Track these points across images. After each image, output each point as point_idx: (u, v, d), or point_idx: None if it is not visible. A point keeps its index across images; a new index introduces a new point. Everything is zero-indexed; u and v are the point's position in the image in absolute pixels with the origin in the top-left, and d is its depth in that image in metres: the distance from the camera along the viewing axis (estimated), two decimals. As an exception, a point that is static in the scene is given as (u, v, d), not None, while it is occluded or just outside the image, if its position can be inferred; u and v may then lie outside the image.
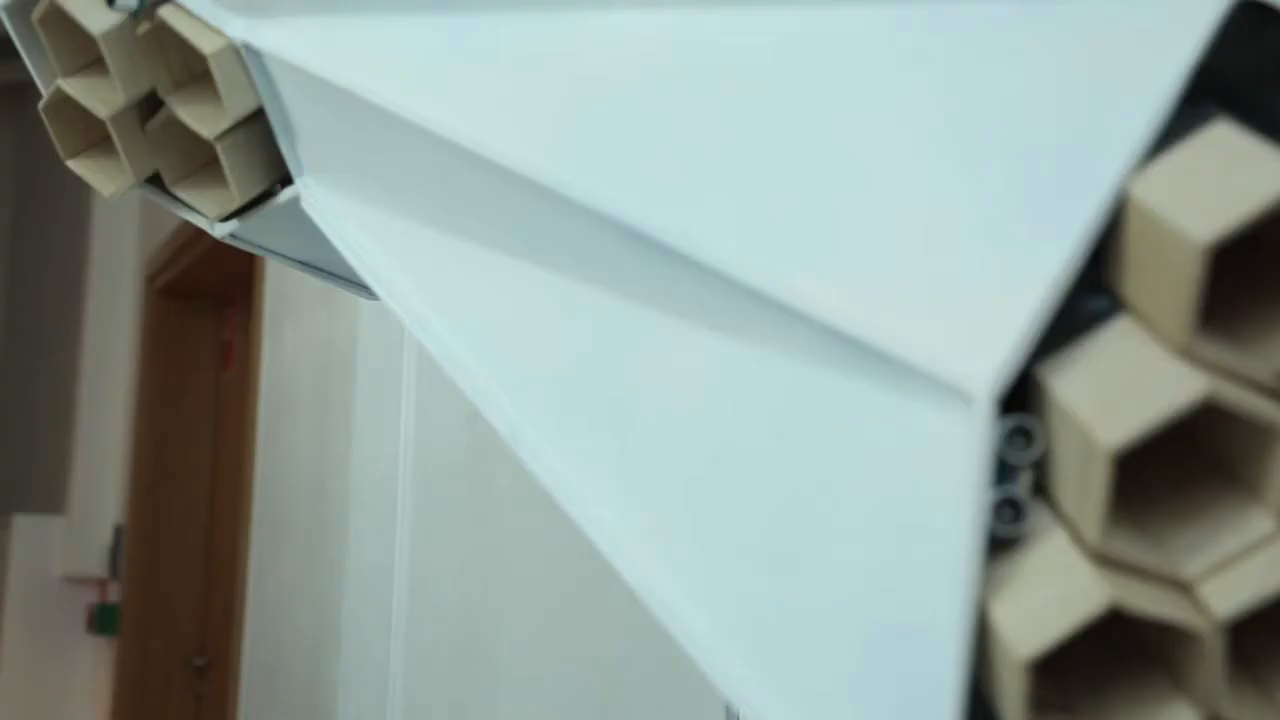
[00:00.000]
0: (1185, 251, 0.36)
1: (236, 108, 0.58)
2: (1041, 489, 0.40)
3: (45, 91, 0.63)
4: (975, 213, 0.40)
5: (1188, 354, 0.37)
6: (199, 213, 0.64)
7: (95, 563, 3.73)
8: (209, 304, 3.55)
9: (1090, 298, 0.40)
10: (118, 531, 3.67)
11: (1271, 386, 0.37)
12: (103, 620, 3.64)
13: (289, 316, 2.25)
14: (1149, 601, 0.37)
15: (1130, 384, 0.37)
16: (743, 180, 0.45)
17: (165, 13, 0.57)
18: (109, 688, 3.53)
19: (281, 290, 2.31)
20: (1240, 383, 0.37)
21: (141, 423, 3.56)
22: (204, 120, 0.59)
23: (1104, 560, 0.38)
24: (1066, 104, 0.40)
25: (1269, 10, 0.39)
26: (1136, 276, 0.38)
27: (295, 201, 0.61)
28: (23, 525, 3.86)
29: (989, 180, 0.41)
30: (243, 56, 0.57)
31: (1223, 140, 0.38)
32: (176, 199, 0.64)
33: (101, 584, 3.81)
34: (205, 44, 0.56)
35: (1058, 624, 0.37)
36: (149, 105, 0.62)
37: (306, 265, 0.69)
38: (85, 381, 3.82)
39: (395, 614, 1.49)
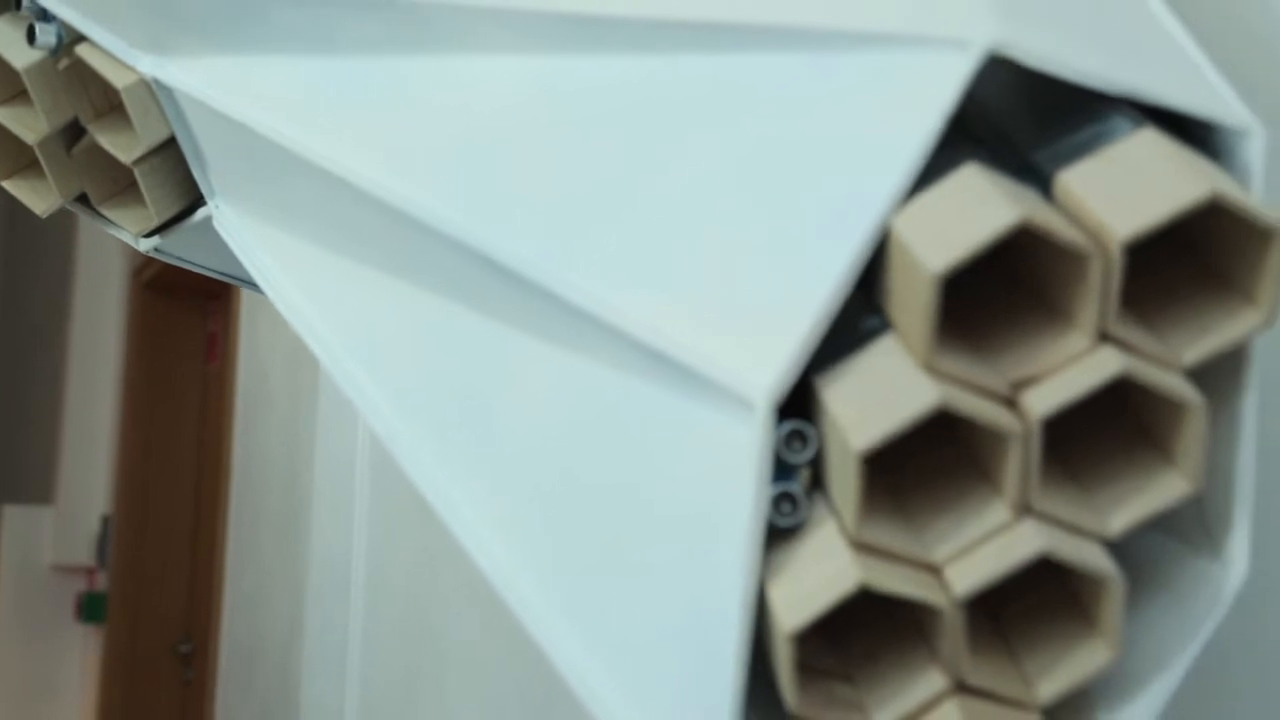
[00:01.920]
0: (923, 279, 0.41)
1: (149, 136, 0.63)
2: (820, 484, 0.46)
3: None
4: (765, 244, 0.46)
5: (930, 367, 0.42)
6: (123, 229, 0.70)
7: (83, 552, 3.78)
8: (194, 298, 3.60)
9: (867, 317, 0.46)
10: (105, 521, 3.73)
11: (1005, 395, 0.43)
12: (90, 608, 3.69)
13: (264, 311, 2.30)
14: (897, 582, 0.42)
15: (881, 393, 0.42)
16: (580, 214, 0.51)
17: (82, 50, 0.63)
18: (97, 674, 3.59)
19: (257, 286, 2.36)
20: (977, 392, 0.43)
21: (128, 415, 3.61)
22: (121, 147, 0.64)
23: (864, 547, 0.43)
24: (844, 148, 0.46)
25: (1016, 65, 0.45)
26: (896, 299, 0.44)
27: (209, 220, 0.67)
28: (13, 516, 3.92)
29: (777, 215, 0.46)
30: (154, 90, 0.62)
31: (968, 181, 0.43)
32: (104, 217, 0.70)
33: (90, 573, 3.87)
34: (118, 79, 0.61)
35: (818, 602, 0.42)
36: (75, 132, 0.68)
37: (227, 275, 0.75)
38: (73, 375, 3.88)
39: (353, 601, 1.54)
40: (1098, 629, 0.44)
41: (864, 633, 0.47)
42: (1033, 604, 0.47)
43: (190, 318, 3.65)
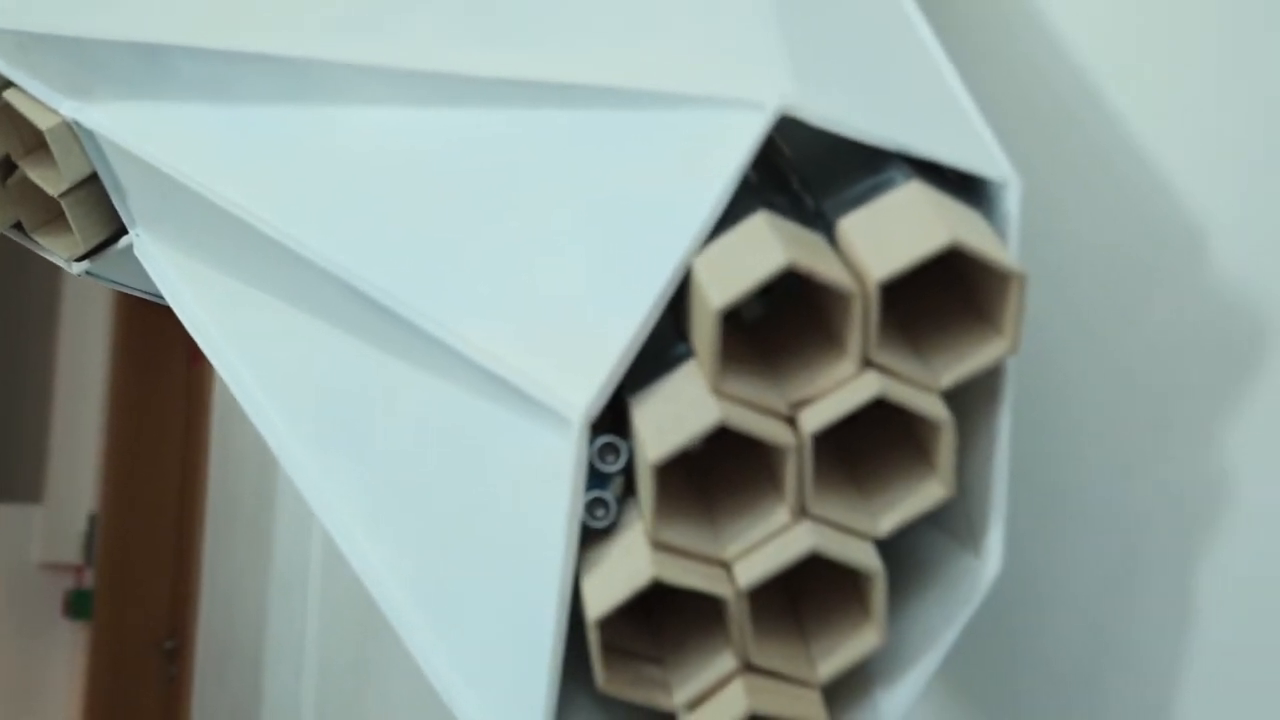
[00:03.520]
0: (708, 313, 0.48)
1: (72, 172, 0.70)
2: (633, 491, 0.52)
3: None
4: (587, 281, 0.53)
5: (717, 390, 0.49)
6: (56, 254, 0.76)
7: (71, 550, 3.85)
8: (179, 300, 3.66)
9: (677, 345, 0.53)
10: (92, 520, 3.79)
11: (785, 414, 0.49)
12: (77, 605, 3.76)
13: (238, 316, 2.37)
14: (688, 576, 0.49)
15: (675, 411, 0.49)
16: (434, 252, 0.57)
17: (9, 95, 0.69)
18: (84, 670, 3.66)
19: (233, 291, 2.43)
20: (760, 410, 0.49)
21: (115, 415, 3.68)
22: (49, 181, 0.71)
23: (663, 546, 0.50)
24: (655, 196, 0.52)
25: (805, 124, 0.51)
26: (694, 329, 0.50)
27: (131, 247, 0.73)
28: (2, 515, 3.98)
29: (598, 255, 0.53)
30: (75, 131, 0.69)
31: (754, 227, 0.50)
32: (37, 243, 0.77)
33: (77, 570, 3.93)
34: (41, 121, 0.68)
35: (618, 593, 0.49)
36: (9, 166, 0.74)
37: (154, 296, 0.81)
38: (61, 375, 3.94)
39: (310, 597, 1.61)
40: (870, 617, 0.50)
41: (677, 621, 0.53)
42: (825, 595, 0.53)
43: (175, 321, 3.69)
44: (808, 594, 0.54)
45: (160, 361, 3.71)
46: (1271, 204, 0.55)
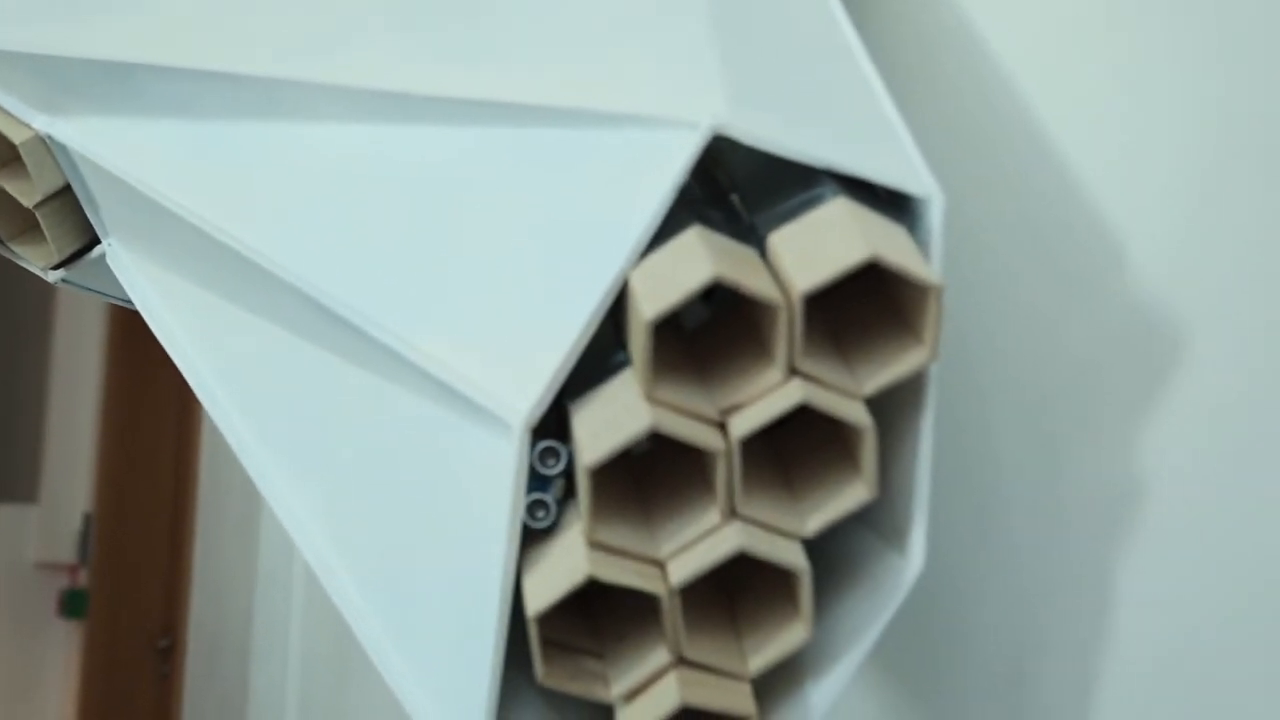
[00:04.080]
0: (641, 324, 0.50)
1: (46, 184, 0.72)
2: (574, 493, 0.55)
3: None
4: (531, 294, 0.55)
5: (650, 397, 0.51)
6: (32, 263, 0.79)
7: (66, 549, 3.87)
8: (172, 301, 3.68)
9: (617, 354, 0.55)
10: (87, 519, 3.81)
11: (717, 420, 0.52)
12: (72, 604, 3.78)
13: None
14: (622, 574, 0.51)
15: (610, 417, 0.51)
16: (389, 266, 0.60)
17: (-15, 111, 0.71)
18: (78, 668, 3.68)
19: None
20: (691, 417, 0.51)
21: (110, 415, 3.70)
22: (23, 193, 0.73)
23: (600, 546, 0.52)
24: (596, 211, 0.55)
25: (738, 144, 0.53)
26: (631, 339, 0.53)
27: (104, 256, 0.76)
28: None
29: (541, 269, 0.55)
30: (48, 144, 0.71)
31: (687, 241, 0.52)
32: (13, 252, 0.79)
33: (72, 569, 3.95)
34: (15, 135, 0.70)
35: (556, 590, 0.51)
36: (-12, 179, 0.77)
37: (127, 303, 0.83)
38: (56, 376, 3.97)
39: (294, 595, 1.64)
40: (798, 612, 0.53)
41: (618, 618, 0.56)
42: (759, 592, 0.55)
43: (169, 321, 3.72)
44: (743, 591, 0.56)
45: (154, 363, 3.71)
46: (1188, 217, 0.57)
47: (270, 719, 1.74)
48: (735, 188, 0.58)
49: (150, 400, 3.71)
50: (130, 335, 3.69)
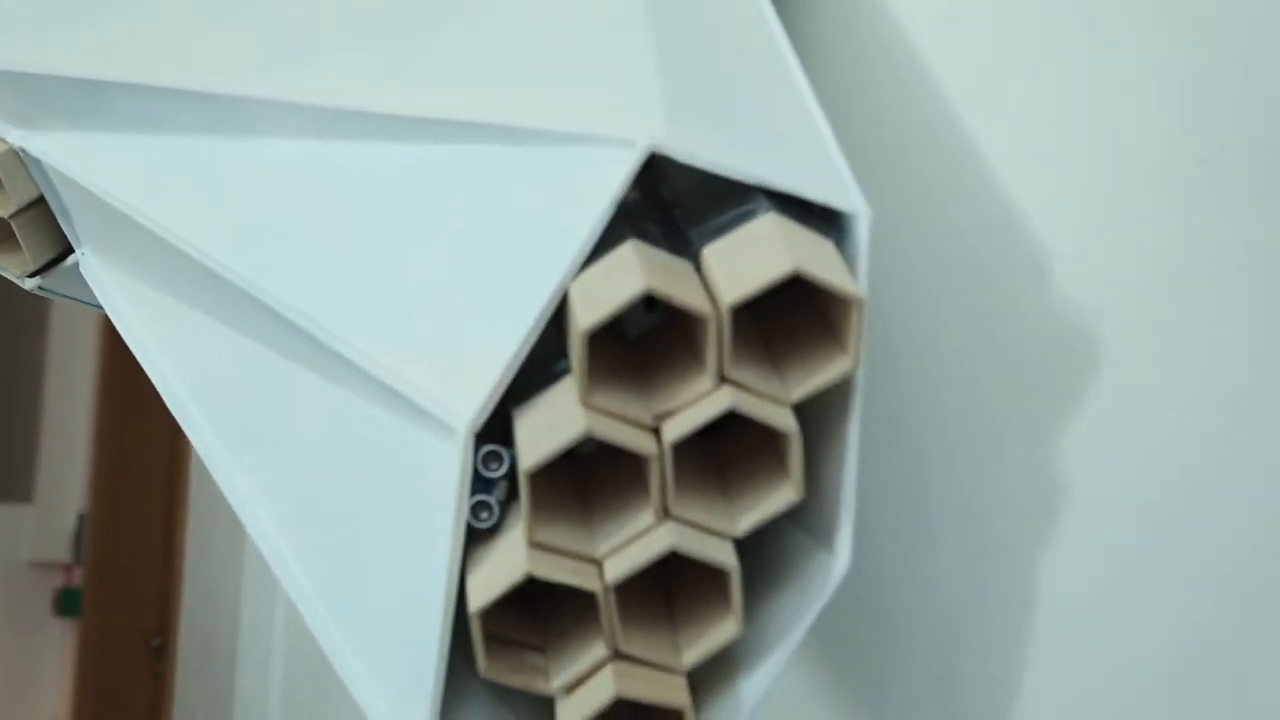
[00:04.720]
0: (578, 334, 0.53)
1: (19, 195, 0.75)
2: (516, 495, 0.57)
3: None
4: (475, 303, 0.58)
5: (586, 403, 0.54)
6: (8, 271, 0.81)
7: (61, 548, 3.89)
8: (166, 302, 3.70)
9: (560, 361, 0.58)
10: (81, 518, 3.84)
11: (650, 425, 0.54)
12: (66, 603, 3.81)
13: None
14: (560, 572, 0.54)
15: (548, 423, 0.54)
16: (342, 277, 0.62)
17: (-41, 125, 0.74)
18: (73, 667, 3.71)
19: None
20: (626, 422, 0.54)
21: (105, 415, 3.73)
22: (-1, 204, 0.76)
23: (539, 545, 0.55)
24: (538, 225, 0.57)
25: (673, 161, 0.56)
26: (571, 348, 0.55)
27: (78, 265, 0.78)
28: (-5, 515, 4.03)
29: (486, 280, 0.58)
30: (22, 157, 0.74)
31: (623, 254, 0.55)
32: (-10, 261, 0.82)
33: (67, 568, 3.98)
34: (-11, 148, 0.73)
35: (496, 587, 0.54)
36: (-36, 190, 0.79)
37: (100, 308, 0.86)
38: (51, 376, 3.99)
39: (278, 596, 1.66)
40: (730, 608, 0.55)
41: (560, 614, 0.58)
42: (694, 590, 0.58)
43: (162, 321, 3.74)
44: (680, 589, 0.59)
45: (148, 362, 3.74)
46: (1110, 230, 0.60)
47: (254, 719, 1.77)
48: (678, 202, 0.61)
49: (144, 401, 3.73)
50: (124, 336, 3.70)
